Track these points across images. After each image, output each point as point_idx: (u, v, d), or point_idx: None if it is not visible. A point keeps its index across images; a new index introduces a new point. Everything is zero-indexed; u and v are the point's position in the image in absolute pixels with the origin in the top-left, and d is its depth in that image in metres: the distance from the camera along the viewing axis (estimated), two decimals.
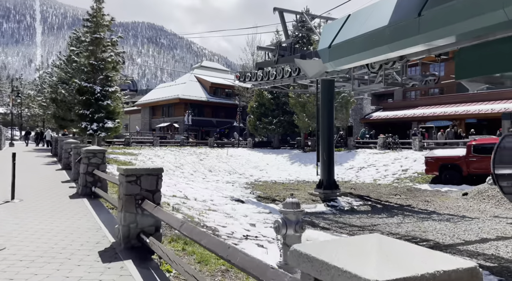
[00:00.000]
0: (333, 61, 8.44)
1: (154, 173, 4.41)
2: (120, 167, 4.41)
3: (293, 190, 15.70)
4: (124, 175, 4.27)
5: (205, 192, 14.03)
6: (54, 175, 10.92)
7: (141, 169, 4.35)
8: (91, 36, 17.37)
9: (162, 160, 23.16)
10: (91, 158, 7.82)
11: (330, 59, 8.45)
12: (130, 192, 4.25)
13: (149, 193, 4.34)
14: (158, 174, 4.45)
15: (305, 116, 26.55)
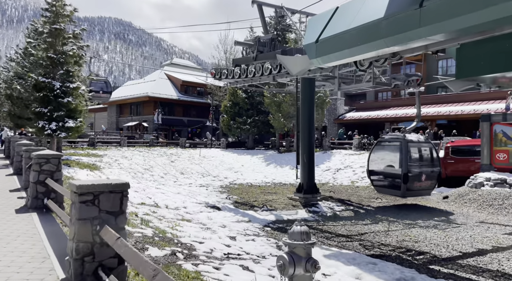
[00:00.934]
0: (320, 57, 7.74)
1: (118, 190, 3.45)
2: (72, 182, 3.41)
3: (271, 194, 14.98)
4: (77, 193, 3.29)
5: (177, 198, 12.98)
6: (2, 182, 9.51)
7: (101, 185, 3.39)
8: (50, 27, 15.74)
9: (129, 162, 21.72)
10: (43, 164, 6.65)
11: (318, 55, 7.75)
12: (85, 215, 3.28)
13: (110, 216, 3.38)
14: (122, 190, 3.50)
15: (280, 116, 25.97)
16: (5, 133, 27.22)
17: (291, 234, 3.34)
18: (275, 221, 10.14)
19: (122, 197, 3.50)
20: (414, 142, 11.96)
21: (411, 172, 11.44)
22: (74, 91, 16.29)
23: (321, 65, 8.22)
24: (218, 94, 45.97)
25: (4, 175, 10.96)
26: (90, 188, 3.33)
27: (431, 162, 12.22)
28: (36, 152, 6.70)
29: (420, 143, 12.25)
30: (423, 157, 12.24)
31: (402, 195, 11.85)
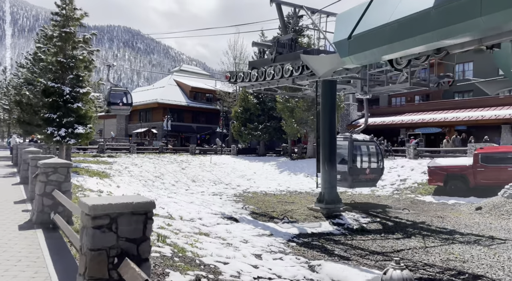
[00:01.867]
0: (354, 55, 7.01)
1: (141, 211, 2.74)
2: (84, 201, 2.71)
3: (288, 203, 14.17)
4: (90, 216, 2.58)
5: (191, 208, 12.26)
6: (7, 192, 8.89)
7: (120, 205, 2.68)
8: (60, 30, 15.31)
9: (140, 169, 21.12)
10: (51, 174, 5.99)
11: (351, 53, 7.01)
12: (99, 244, 2.57)
13: (131, 245, 2.66)
14: (146, 212, 2.78)
15: (294, 122, 25.20)
16: (14, 140, 26.88)
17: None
18: (299, 235, 9.35)
19: (146, 220, 2.78)
20: (359, 140, 14.35)
21: (357, 166, 13.76)
22: (84, 96, 15.80)
23: (354, 64, 7.48)
24: (227, 100, 45.53)
25: (11, 184, 10.37)
26: (107, 209, 2.62)
27: (376, 157, 14.53)
28: (42, 161, 6.05)
29: (365, 142, 14.59)
30: (368, 154, 14.41)
31: (349, 186, 14.28)
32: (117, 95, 22.03)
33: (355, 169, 13.73)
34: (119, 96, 22.03)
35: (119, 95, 22.26)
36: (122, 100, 21.92)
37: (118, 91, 22.65)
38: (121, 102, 21.85)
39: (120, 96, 22.20)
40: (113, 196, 3.72)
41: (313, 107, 24.82)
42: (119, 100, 21.98)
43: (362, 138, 14.63)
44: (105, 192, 11.94)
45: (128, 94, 22.48)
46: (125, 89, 22.76)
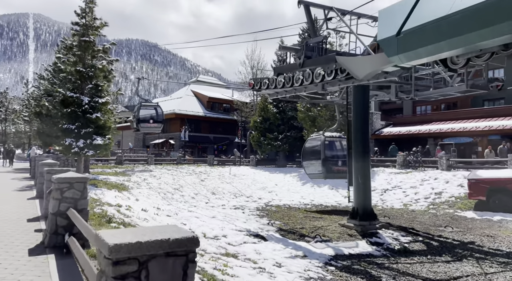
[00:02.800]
0: (405, 54, 6.16)
1: (180, 251, 1.96)
2: (102, 236, 1.95)
3: (317, 219, 13.20)
4: (111, 260, 1.81)
5: (214, 224, 11.46)
6: (21, 208, 8.31)
7: (152, 244, 1.90)
8: (80, 39, 15.05)
9: (158, 181, 20.53)
10: (66, 190, 5.32)
11: (400, 51, 6.17)
12: None
13: None
14: (187, 252, 2.00)
15: (316, 132, 24.24)
16: (33, 151, 26.87)
17: None
18: (335, 256, 8.39)
19: (187, 264, 1.99)
20: (331, 137, 16.19)
21: (329, 159, 15.50)
22: (103, 106, 15.40)
23: (404, 64, 6.62)
24: (244, 110, 45.08)
25: (26, 198, 9.83)
26: (134, 250, 1.85)
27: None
28: (57, 176, 5.38)
29: (337, 138, 16.48)
30: (340, 149, 16.03)
31: (324, 177, 16.04)
32: (147, 111, 19.87)
33: (328, 162, 15.60)
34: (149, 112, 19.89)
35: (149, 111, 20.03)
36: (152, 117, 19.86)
37: (148, 106, 20.61)
38: (151, 119, 19.78)
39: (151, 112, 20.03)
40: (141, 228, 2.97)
41: (337, 116, 23.88)
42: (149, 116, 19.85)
43: (333, 135, 16.60)
44: (124, 206, 11.29)
45: (158, 109, 20.28)
46: (155, 104, 20.64)
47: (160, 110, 20.50)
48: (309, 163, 16.26)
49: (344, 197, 19.30)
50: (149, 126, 20.06)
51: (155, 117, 19.98)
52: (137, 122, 19.11)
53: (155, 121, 20.03)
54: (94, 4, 15.85)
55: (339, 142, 16.28)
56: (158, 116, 20.29)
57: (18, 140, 45.08)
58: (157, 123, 20.08)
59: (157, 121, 20.08)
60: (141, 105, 20.29)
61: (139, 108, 19.48)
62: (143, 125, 19.55)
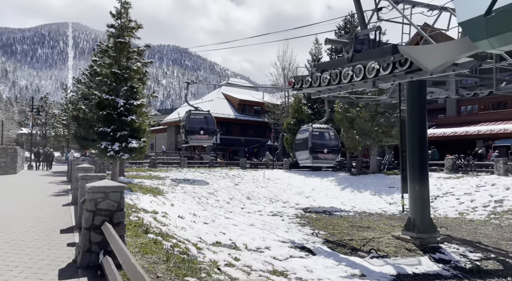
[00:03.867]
0: (496, 37, 5.04)
1: None
2: None
3: (364, 229, 12.06)
4: None
5: (254, 233, 10.66)
6: (55, 216, 7.87)
7: None
8: (115, 40, 14.80)
9: (192, 185, 20.03)
10: (100, 201, 4.67)
11: (491, 34, 5.06)
12: None
13: None
14: None
15: (355, 133, 22.94)
16: (71, 155, 27.36)
17: None
18: (398, 276, 7.31)
19: None
20: (318, 128, 18.08)
21: (316, 147, 17.47)
22: (138, 108, 15.04)
23: (496, 50, 5.48)
24: (275, 112, 44.24)
25: (61, 204, 9.46)
26: None
27: (333, 140, 18.02)
28: (90, 184, 4.74)
29: (324, 129, 18.33)
30: (326, 138, 18.09)
31: (311, 163, 18.34)
32: (196, 120, 17.72)
33: (315, 149, 17.67)
34: (200, 123, 17.70)
35: (200, 121, 17.80)
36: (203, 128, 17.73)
37: (198, 115, 18.39)
38: (202, 130, 17.60)
39: (201, 122, 17.81)
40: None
41: (377, 116, 22.45)
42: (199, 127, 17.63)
43: (320, 126, 18.42)
44: (160, 212, 10.74)
45: (210, 118, 18.14)
46: (206, 113, 18.41)
47: (212, 119, 18.23)
48: (300, 151, 18.55)
49: (390, 203, 17.95)
50: (200, 138, 18.12)
51: (205, 128, 17.93)
52: (186, 134, 17.26)
53: (206, 132, 18.04)
54: (129, 5, 15.60)
55: (327, 132, 18.34)
56: (210, 126, 18.11)
57: (57, 143, 46.70)
58: (208, 134, 18.08)
59: (208, 132, 18.05)
60: (190, 114, 18.07)
61: (188, 118, 17.51)
62: (192, 137, 17.72)
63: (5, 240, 5.60)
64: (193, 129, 17.61)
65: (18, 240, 5.67)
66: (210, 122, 18.49)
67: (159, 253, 5.97)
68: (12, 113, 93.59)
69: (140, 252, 5.81)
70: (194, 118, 17.76)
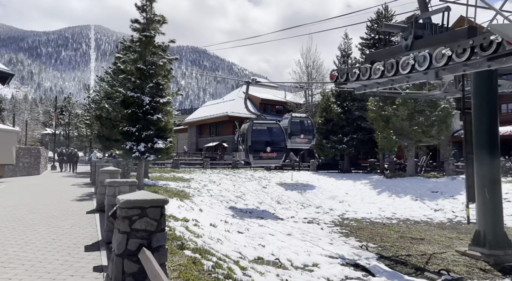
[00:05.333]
0: None
1: None
2: None
3: (418, 240, 10.67)
4: None
5: (296, 245, 9.47)
6: (79, 227, 6.92)
7: None
8: (140, 34, 13.93)
9: (219, 187, 19.02)
10: (136, 219, 3.60)
11: None
12: None
13: None
14: None
15: (391, 133, 21.38)
16: (94, 155, 26.83)
17: None
18: None
19: None
20: (297, 117, 20.93)
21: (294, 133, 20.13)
22: (164, 106, 14.13)
23: None
24: (298, 112, 42.85)
25: (85, 211, 8.55)
26: None
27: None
28: (123, 197, 3.67)
29: (303, 118, 21.04)
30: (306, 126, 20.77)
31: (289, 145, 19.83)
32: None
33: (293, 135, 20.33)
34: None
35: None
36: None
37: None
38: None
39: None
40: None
41: (415, 115, 20.83)
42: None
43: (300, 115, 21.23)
44: (191, 220, 9.73)
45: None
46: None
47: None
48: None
49: (435, 210, 16.38)
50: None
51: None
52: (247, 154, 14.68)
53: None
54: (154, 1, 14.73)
55: (305, 121, 20.61)
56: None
57: (80, 143, 46.85)
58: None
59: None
60: (253, 123, 15.31)
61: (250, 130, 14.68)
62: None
63: (21, 262, 4.63)
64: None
65: (35, 261, 4.70)
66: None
67: (202, 279, 4.89)
68: (37, 114, 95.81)
69: (180, 278, 4.75)
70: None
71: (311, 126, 20.71)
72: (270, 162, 16.14)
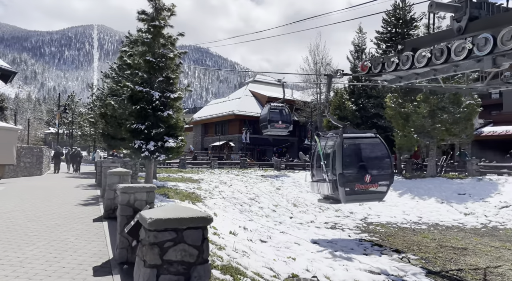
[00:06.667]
0: None
1: None
2: None
3: (460, 250, 9.54)
4: None
5: (328, 256, 8.38)
6: (85, 239, 5.86)
7: None
8: (149, 24, 12.86)
9: (230, 188, 17.96)
10: (170, 246, 2.59)
11: None
12: None
13: None
14: None
15: (412, 131, 20.22)
16: (98, 155, 25.80)
17: None
18: None
19: None
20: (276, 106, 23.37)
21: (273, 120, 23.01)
22: (175, 102, 13.06)
23: None
24: (306, 110, 41.87)
25: (91, 219, 7.48)
26: None
27: None
28: (151, 215, 2.60)
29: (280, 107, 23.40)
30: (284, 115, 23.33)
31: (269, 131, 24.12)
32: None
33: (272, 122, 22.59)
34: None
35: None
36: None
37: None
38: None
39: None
40: None
41: (437, 112, 19.64)
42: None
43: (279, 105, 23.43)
44: (208, 227, 8.72)
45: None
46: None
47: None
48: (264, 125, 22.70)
49: (465, 214, 15.22)
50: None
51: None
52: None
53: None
54: None
55: (284, 110, 22.43)
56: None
57: (83, 142, 45.91)
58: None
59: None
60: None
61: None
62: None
63: None
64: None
65: None
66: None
67: None
68: (40, 113, 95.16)
69: None
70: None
71: (289, 115, 22.90)
72: (371, 198, 10.54)
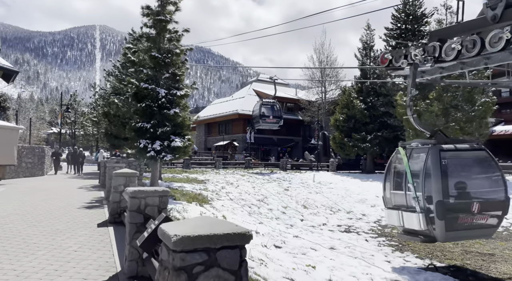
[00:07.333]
0: None
1: None
2: None
3: (488, 257, 8.95)
4: None
5: (346, 263, 7.82)
6: (88, 248, 5.29)
7: None
8: (154, 19, 12.31)
9: (237, 189, 17.41)
10: (200, 272, 2.00)
11: None
12: None
13: None
14: None
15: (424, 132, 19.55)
16: (101, 155, 25.30)
17: None
18: None
19: None
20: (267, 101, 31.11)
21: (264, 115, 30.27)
22: (181, 100, 12.51)
23: None
24: (311, 109, 41.27)
25: (96, 224, 6.92)
26: None
27: None
28: (175, 230, 2.00)
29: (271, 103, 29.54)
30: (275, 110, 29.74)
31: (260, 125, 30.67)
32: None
33: (264, 117, 25.57)
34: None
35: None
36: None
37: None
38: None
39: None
40: None
41: (452, 111, 19.02)
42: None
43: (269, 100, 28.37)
44: None
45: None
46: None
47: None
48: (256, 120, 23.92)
49: None
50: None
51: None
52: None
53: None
54: None
55: (275, 105, 24.46)
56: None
57: (86, 142, 45.46)
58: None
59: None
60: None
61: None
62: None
63: None
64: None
65: None
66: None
67: None
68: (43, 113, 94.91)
69: None
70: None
71: (280, 110, 24.57)
72: (477, 235, 7.59)
